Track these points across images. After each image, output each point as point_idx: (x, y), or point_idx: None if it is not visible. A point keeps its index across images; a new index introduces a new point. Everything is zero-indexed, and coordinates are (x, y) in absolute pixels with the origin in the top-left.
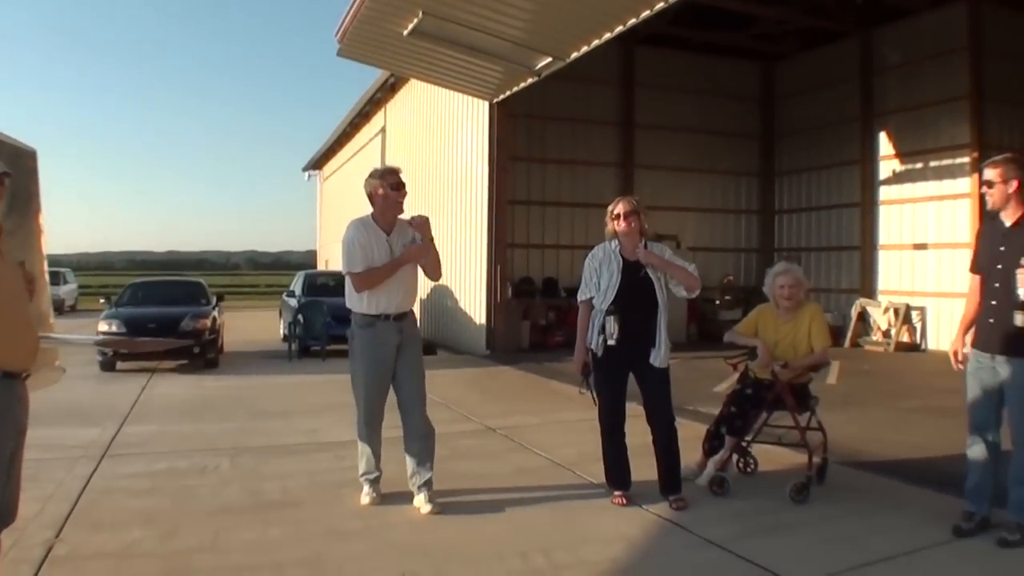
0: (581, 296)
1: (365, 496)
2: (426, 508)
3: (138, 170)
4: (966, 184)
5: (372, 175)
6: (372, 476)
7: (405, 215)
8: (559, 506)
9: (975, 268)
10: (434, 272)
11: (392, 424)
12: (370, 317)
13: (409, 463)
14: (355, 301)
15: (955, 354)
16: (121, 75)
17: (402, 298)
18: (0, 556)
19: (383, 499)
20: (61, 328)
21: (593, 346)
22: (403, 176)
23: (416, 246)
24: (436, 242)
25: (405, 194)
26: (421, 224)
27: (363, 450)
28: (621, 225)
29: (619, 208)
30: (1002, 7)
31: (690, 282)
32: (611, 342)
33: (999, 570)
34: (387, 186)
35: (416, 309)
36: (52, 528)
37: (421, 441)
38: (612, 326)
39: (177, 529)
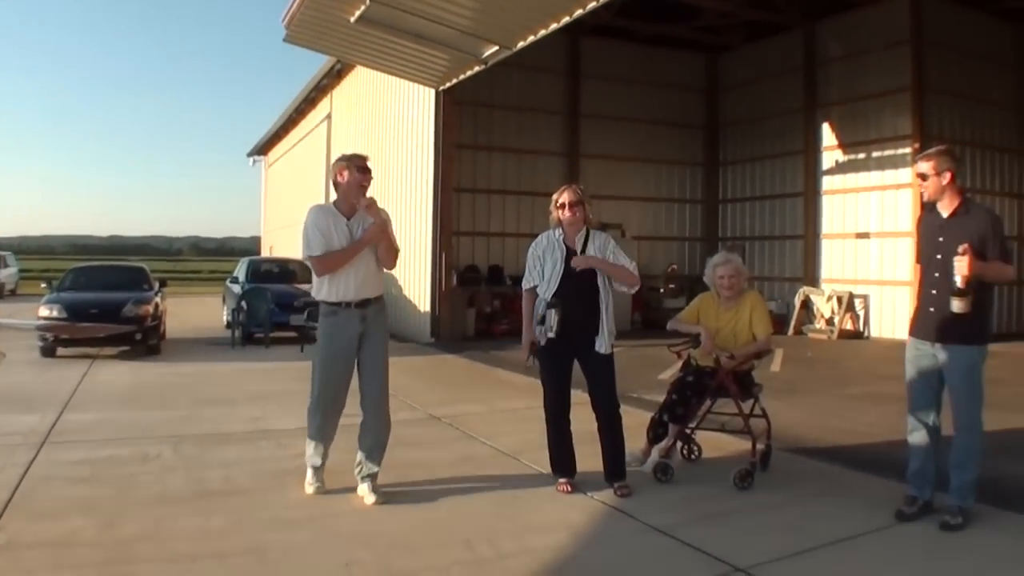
0: (525, 285)
1: (309, 485)
2: (370, 499)
3: (80, 153)
4: (908, 174)
5: (339, 158)
6: (317, 464)
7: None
8: (504, 494)
9: (918, 258)
10: (387, 260)
11: (345, 412)
12: (332, 305)
13: (359, 454)
14: (317, 289)
15: None
16: (63, 53)
17: (362, 284)
18: None
19: (327, 489)
20: (1, 312)
21: (538, 335)
22: (370, 164)
23: (375, 226)
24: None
25: (370, 180)
26: (368, 206)
27: (312, 436)
28: (566, 214)
29: (564, 197)
30: (944, 1)
31: (630, 280)
32: (551, 334)
33: (942, 554)
34: (353, 168)
35: None
36: None
37: (375, 436)
38: (552, 319)
39: (118, 518)
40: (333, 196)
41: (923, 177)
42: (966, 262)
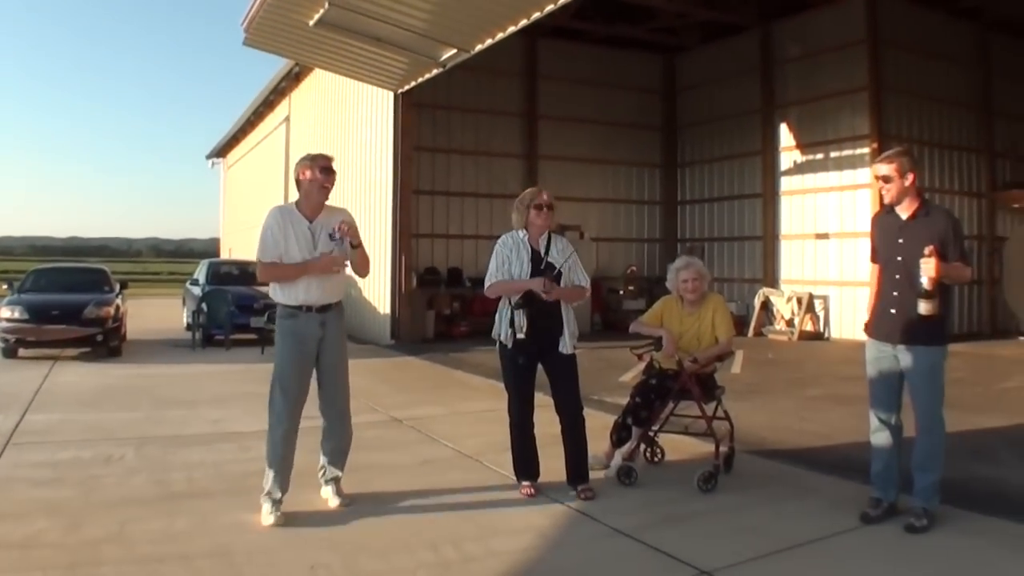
0: (490, 280)
1: (268, 516)
2: (334, 502)
3: (38, 154)
4: (866, 174)
5: (303, 158)
6: (276, 497)
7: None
8: (467, 497)
9: (875, 259)
10: (362, 269)
11: (305, 415)
12: (291, 308)
13: (322, 458)
14: (276, 291)
15: None
16: (19, 54)
17: (324, 289)
18: None
19: (290, 492)
20: None
21: (503, 338)
22: (335, 165)
23: (329, 258)
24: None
25: (333, 181)
26: (348, 230)
27: (272, 463)
28: (543, 216)
29: (543, 199)
30: (899, 0)
31: (582, 299)
32: (520, 335)
33: (907, 556)
34: (317, 168)
35: None
36: None
37: (338, 441)
38: (521, 319)
39: (82, 520)
40: (295, 196)
41: (886, 179)
42: (933, 264)
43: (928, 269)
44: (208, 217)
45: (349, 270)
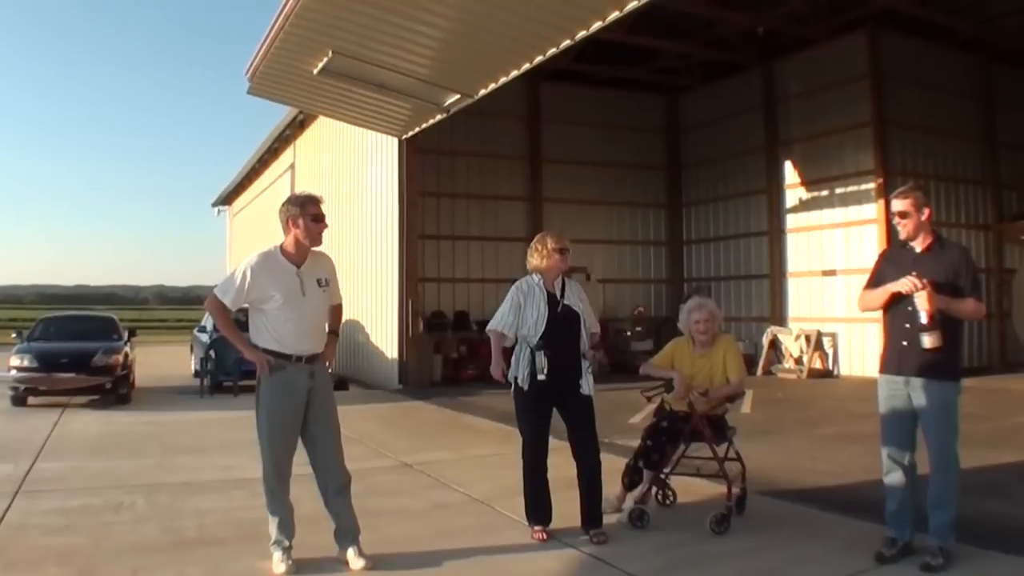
0: (495, 327)
1: (279, 564)
2: (358, 564)
3: (43, 203)
4: (872, 210)
5: (291, 201)
6: (285, 544)
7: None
8: (479, 542)
9: (872, 286)
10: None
11: (303, 461)
12: (279, 357)
13: (332, 519)
14: (262, 337)
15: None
16: (27, 105)
17: (314, 339)
18: None
19: (301, 538)
20: None
21: (520, 381)
22: (324, 207)
23: (264, 362)
24: (347, 276)
25: (325, 227)
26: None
27: (273, 512)
28: (565, 261)
29: (562, 243)
30: (900, 35)
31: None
32: (541, 377)
33: None
34: (308, 217)
35: None
36: None
37: (341, 496)
38: (542, 360)
39: (94, 568)
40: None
41: (902, 215)
42: (925, 296)
43: (922, 302)
44: (214, 264)
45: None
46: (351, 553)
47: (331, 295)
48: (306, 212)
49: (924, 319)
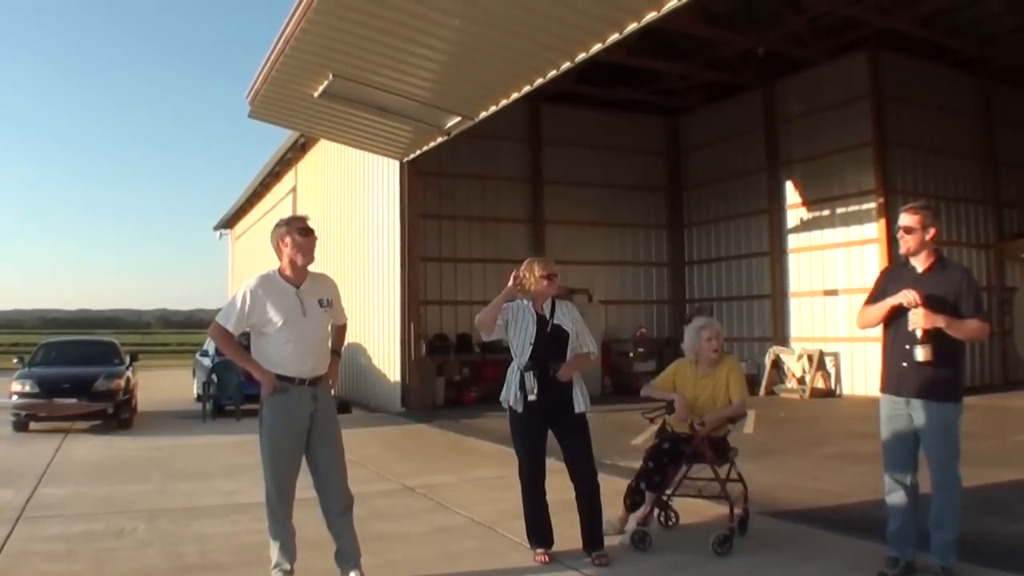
0: (485, 313)
1: None
2: None
3: (45, 228)
4: (874, 229)
5: (278, 224)
6: (286, 568)
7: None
8: (482, 565)
9: (872, 303)
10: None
11: (307, 484)
12: (282, 380)
13: (334, 541)
14: (265, 360)
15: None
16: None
17: (316, 360)
18: None
19: (303, 562)
20: None
21: (512, 403)
22: (311, 223)
23: (271, 382)
24: (349, 299)
25: (314, 239)
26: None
27: (274, 536)
28: (553, 286)
29: (550, 269)
30: (900, 55)
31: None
32: (531, 397)
33: None
34: (295, 232)
35: None
36: None
37: (343, 517)
38: (531, 381)
39: None
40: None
41: (907, 230)
42: (921, 314)
43: (917, 320)
44: (216, 288)
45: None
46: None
47: (335, 315)
48: (292, 228)
49: (918, 333)
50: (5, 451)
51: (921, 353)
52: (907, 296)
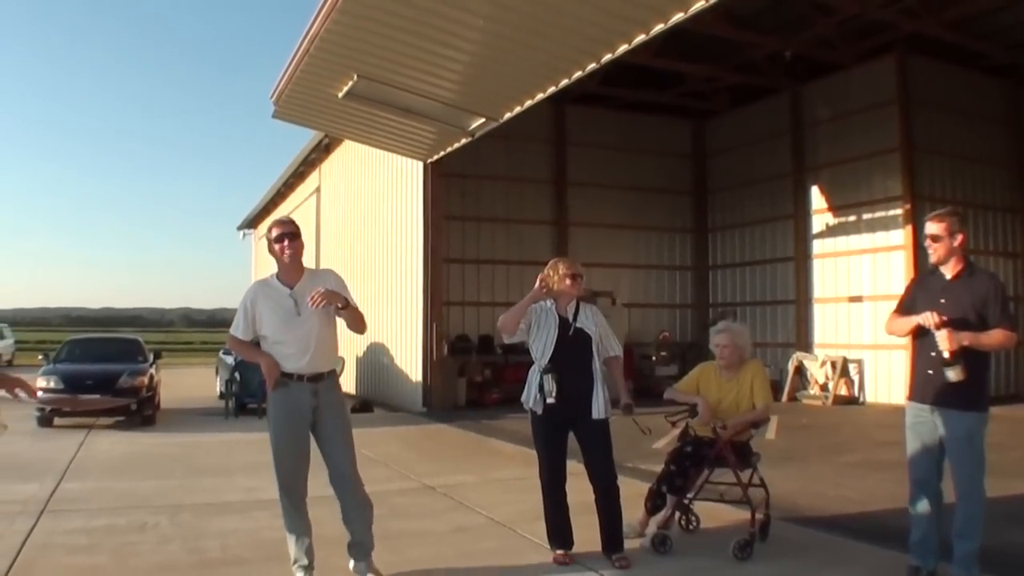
0: (508, 315)
1: None
2: None
3: (71, 229)
4: (900, 236)
5: (268, 228)
6: (304, 563)
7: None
8: (502, 566)
9: (901, 311)
10: (357, 326)
11: (327, 482)
12: (282, 375)
13: (348, 535)
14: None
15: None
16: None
17: (313, 357)
18: None
19: (325, 560)
20: None
21: (531, 404)
22: (288, 227)
23: (271, 365)
24: (371, 299)
25: (288, 246)
26: (323, 299)
27: (290, 531)
28: (577, 286)
29: (575, 269)
30: (929, 59)
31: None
32: (551, 400)
33: None
34: (269, 242)
35: (352, 366)
36: None
37: (358, 515)
38: (551, 384)
39: None
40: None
41: (935, 239)
42: (945, 336)
43: (942, 341)
44: (239, 287)
45: (345, 326)
46: (360, 567)
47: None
48: (268, 236)
49: (946, 355)
50: (29, 446)
51: (952, 374)
52: (928, 319)
